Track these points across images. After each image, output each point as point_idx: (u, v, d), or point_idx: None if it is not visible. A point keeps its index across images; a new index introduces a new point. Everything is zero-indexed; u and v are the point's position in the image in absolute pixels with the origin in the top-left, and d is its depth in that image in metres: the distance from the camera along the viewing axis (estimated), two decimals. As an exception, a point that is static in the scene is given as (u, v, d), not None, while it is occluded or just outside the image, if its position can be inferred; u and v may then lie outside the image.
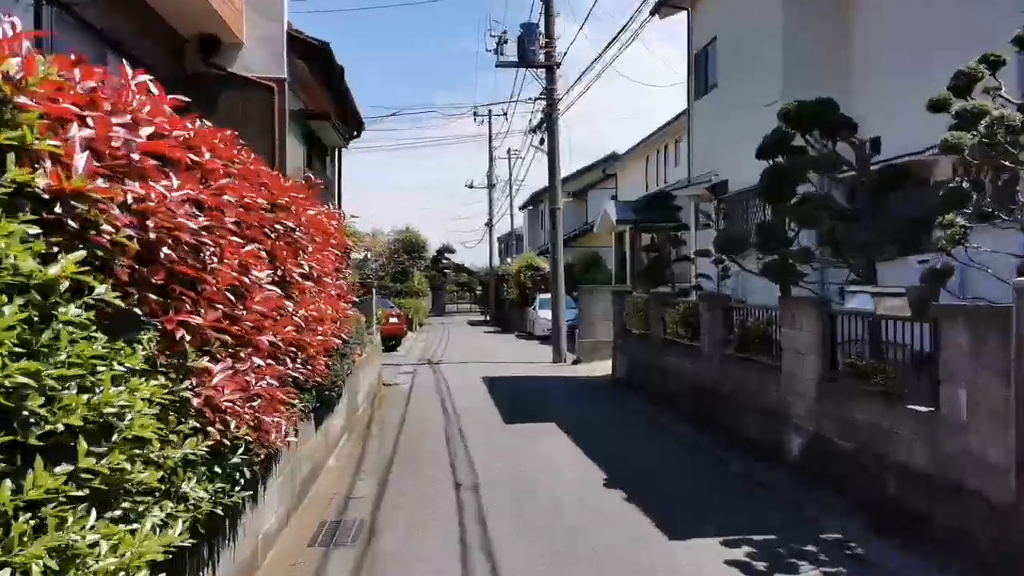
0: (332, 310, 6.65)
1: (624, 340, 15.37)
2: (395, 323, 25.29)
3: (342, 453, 9.34)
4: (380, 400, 14.08)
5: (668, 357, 12.40)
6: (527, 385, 16.11)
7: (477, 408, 12.84)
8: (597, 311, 20.51)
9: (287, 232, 4.49)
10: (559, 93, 21.06)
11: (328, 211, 7.18)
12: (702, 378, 10.76)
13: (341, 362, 8.05)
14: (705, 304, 10.68)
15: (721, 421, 9.91)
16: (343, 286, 7.63)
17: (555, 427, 10.86)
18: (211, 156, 3.02)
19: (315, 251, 5.47)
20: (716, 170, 15.04)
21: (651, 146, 30.51)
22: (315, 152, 11.57)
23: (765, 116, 12.75)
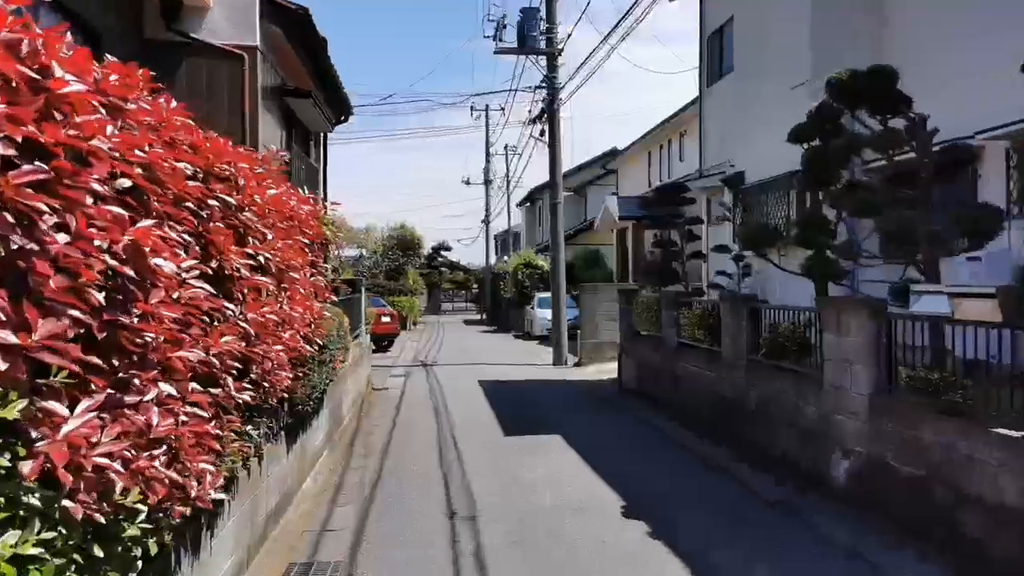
0: (303, 312, 5.57)
1: (632, 343, 14.31)
2: (387, 323, 24.21)
3: (322, 470, 8.26)
4: (368, 407, 13.00)
5: (683, 362, 11.34)
6: (527, 390, 15.04)
7: (473, 417, 11.76)
8: (600, 311, 19.46)
9: (228, 211, 3.41)
10: (561, 81, 19.98)
11: (300, 195, 6.09)
12: (723, 387, 9.70)
13: (319, 371, 6.97)
14: (727, 304, 9.63)
15: (747, 437, 8.85)
16: (320, 284, 6.54)
17: (560, 441, 9.80)
18: (72, 78, 1.95)
19: (277, 239, 4.38)
20: (731, 160, 13.99)
21: (653, 141, 29.45)
22: (296, 136, 10.49)
23: (791, 99, 11.71)
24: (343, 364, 8.67)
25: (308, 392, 6.56)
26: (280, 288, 4.72)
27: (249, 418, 4.30)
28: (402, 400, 13.81)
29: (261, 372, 4.01)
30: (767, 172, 12.26)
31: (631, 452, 9.26)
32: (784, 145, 11.95)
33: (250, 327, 3.63)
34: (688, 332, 11.10)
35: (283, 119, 9.69)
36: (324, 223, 6.58)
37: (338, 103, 11.07)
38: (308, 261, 6.06)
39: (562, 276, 20.26)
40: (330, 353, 7.40)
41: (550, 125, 20.14)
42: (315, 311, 6.06)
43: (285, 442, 6.49)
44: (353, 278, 14.53)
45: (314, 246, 6.45)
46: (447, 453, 9.25)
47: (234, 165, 3.59)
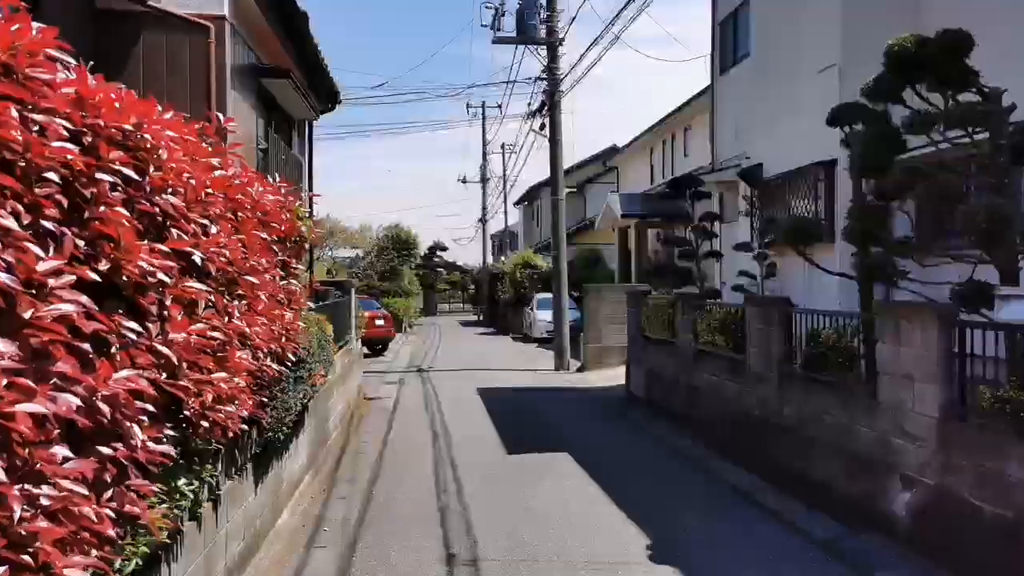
0: (270, 324, 4.58)
1: (641, 348, 13.33)
2: (381, 326, 23.21)
3: (303, 500, 7.27)
4: (359, 420, 12.01)
5: (701, 372, 10.36)
6: (529, 399, 14.06)
7: (472, 431, 10.78)
8: (604, 313, 18.49)
9: (135, 192, 2.44)
10: (562, 72, 19.01)
11: (268, 183, 5.11)
12: (750, 401, 8.72)
13: (295, 389, 5.99)
14: (755, 308, 8.65)
15: (780, 459, 7.87)
16: (293, 289, 5.55)
17: (569, 460, 8.82)
18: None
19: (225, 234, 3.39)
20: (747, 153, 13.01)
21: (656, 137, 28.51)
22: (277, 124, 9.51)
23: (818, 84, 10.75)
24: (327, 378, 7.69)
25: (281, 416, 5.58)
26: (233, 297, 3.73)
27: (187, 467, 3.32)
28: (395, 411, 12.83)
29: (198, 409, 3.02)
30: (789, 164, 11.28)
31: (649, 475, 8.28)
32: (810, 134, 11.00)
33: (174, 352, 2.65)
34: (707, 338, 10.12)
35: (260, 105, 8.70)
36: (299, 217, 5.60)
37: (324, 89, 10.09)
38: (277, 262, 5.07)
39: (564, 276, 19.32)
40: (309, 368, 6.41)
41: (551, 118, 19.18)
42: (286, 322, 5.07)
43: (253, 476, 5.50)
44: (342, 280, 13.54)
45: (287, 244, 5.47)
46: (444, 476, 8.27)
47: (149, 129, 2.61)
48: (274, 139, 8.52)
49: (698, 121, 24.44)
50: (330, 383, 9.63)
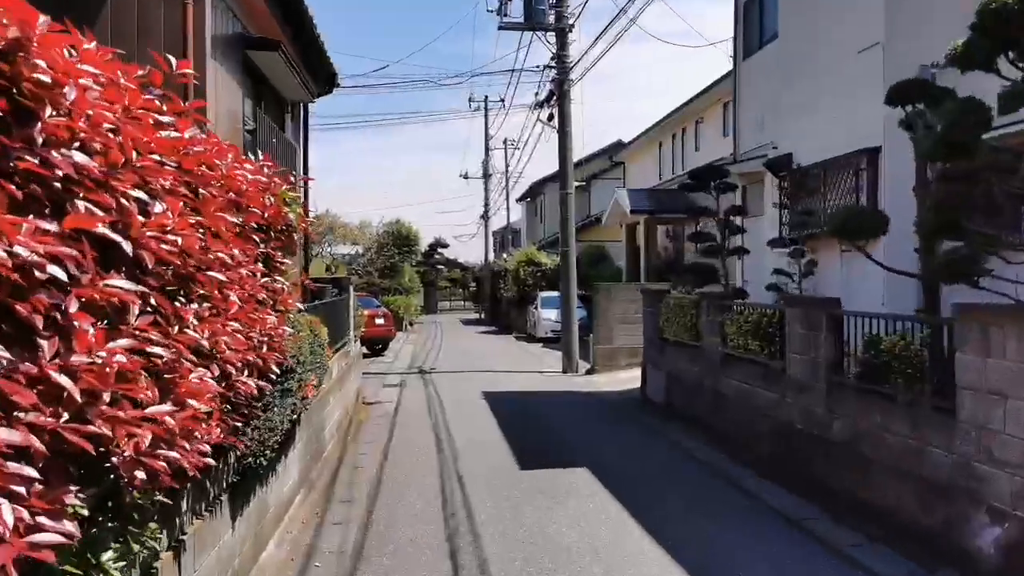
0: (248, 330, 3.73)
1: (658, 351, 12.47)
2: (381, 325, 22.34)
3: (292, 526, 6.42)
4: (358, 427, 11.16)
5: (729, 378, 9.51)
6: (539, 404, 13.20)
7: (480, 441, 9.92)
8: (615, 313, 17.64)
9: (5, 137, 1.59)
10: (572, 60, 18.12)
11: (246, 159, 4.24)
12: (790, 413, 7.87)
13: (282, 404, 5.13)
14: (798, 310, 7.78)
15: (829, 481, 7.02)
16: (278, 288, 4.69)
17: (590, 478, 7.97)
18: None
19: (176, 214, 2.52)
20: (774, 142, 12.15)
21: (665, 131, 27.62)
22: (267, 104, 8.64)
23: (858, 64, 9.88)
24: (321, 387, 6.82)
25: (263, 438, 4.72)
26: (189, 299, 2.87)
27: (119, 531, 2.46)
28: (396, 417, 11.97)
29: (131, 456, 2.16)
30: (824, 152, 10.42)
31: (680, 496, 7.41)
32: (848, 119, 10.14)
33: (79, 382, 1.79)
34: (737, 342, 9.26)
35: (248, 82, 7.83)
36: (287, 202, 4.73)
37: (320, 69, 9.23)
38: (257, 255, 4.21)
39: (572, 274, 18.45)
40: (299, 379, 5.56)
41: (560, 108, 18.29)
42: (269, 327, 4.21)
43: (230, 509, 4.65)
44: (339, 277, 12.69)
45: (271, 234, 4.60)
46: (451, 497, 7.40)
47: (45, 52, 1.76)
48: (263, 120, 7.66)
49: (711, 113, 23.57)
50: (325, 390, 8.77)
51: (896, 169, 9.31)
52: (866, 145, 9.61)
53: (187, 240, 2.58)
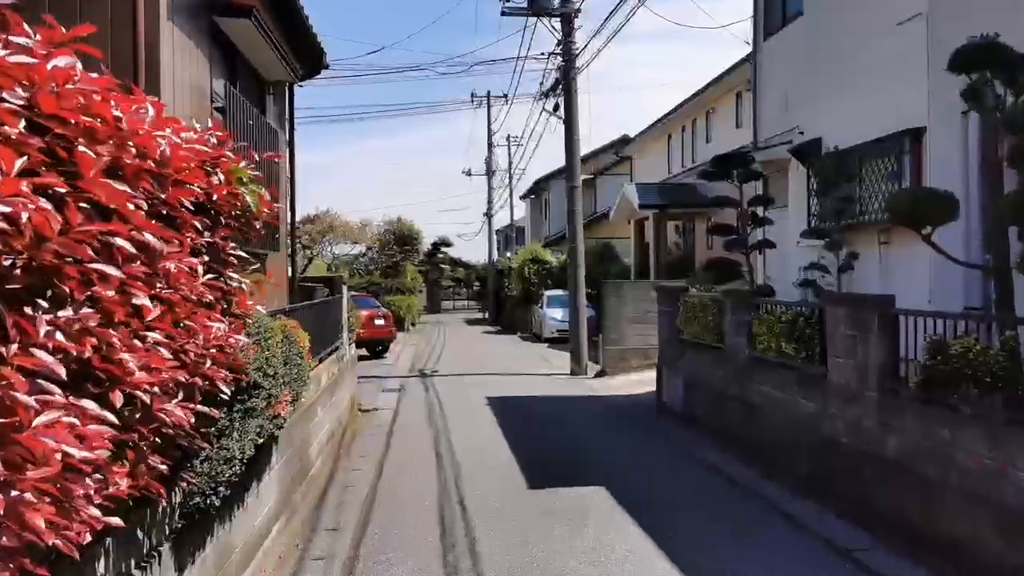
0: (170, 343, 2.85)
1: (676, 353, 11.57)
2: (381, 326, 21.46)
3: (266, 563, 5.54)
4: (352, 438, 10.29)
5: (759, 384, 8.61)
6: (548, 411, 12.32)
7: (484, 454, 9.05)
8: (625, 312, 16.75)
9: None
10: (578, 46, 17.23)
11: (169, 116, 3.34)
12: (833, 426, 6.96)
13: (242, 427, 4.25)
14: (843, 310, 6.87)
15: (884, 506, 6.11)
16: (231, 288, 3.79)
17: (607, 499, 7.08)
18: None
19: (7, 169, 1.64)
20: (800, 127, 11.23)
21: (674, 123, 26.67)
22: (243, 83, 7.76)
23: (897, 38, 8.96)
24: (297, 402, 5.92)
25: (216, 471, 3.84)
26: (57, 302, 1.98)
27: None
28: (393, 428, 11.09)
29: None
30: (859, 136, 9.50)
31: (711, 522, 6.52)
32: (887, 99, 9.22)
33: None
34: (767, 344, 8.35)
35: (218, 54, 6.96)
36: (242, 181, 3.84)
37: (305, 47, 8.34)
38: (197, 245, 3.32)
39: (581, 271, 17.55)
40: (268, 395, 4.67)
41: (566, 97, 17.40)
42: (215, 337, 3.33)
43: (175, 561, 3.76)
44: (330, 276, 11.81)
45: (219, 220, 3.71)
46: (452, 526, 6.52)
47: None
48: (236, 98, 6.79)
49: (723, 103, 22.64)
50: (311, 402, 7.90)
51: (942, 151, 8.40)
52: (908, 126, 8.69)
53: (36, 218, 1.68)
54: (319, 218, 42.62)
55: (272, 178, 8.41)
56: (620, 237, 31.11)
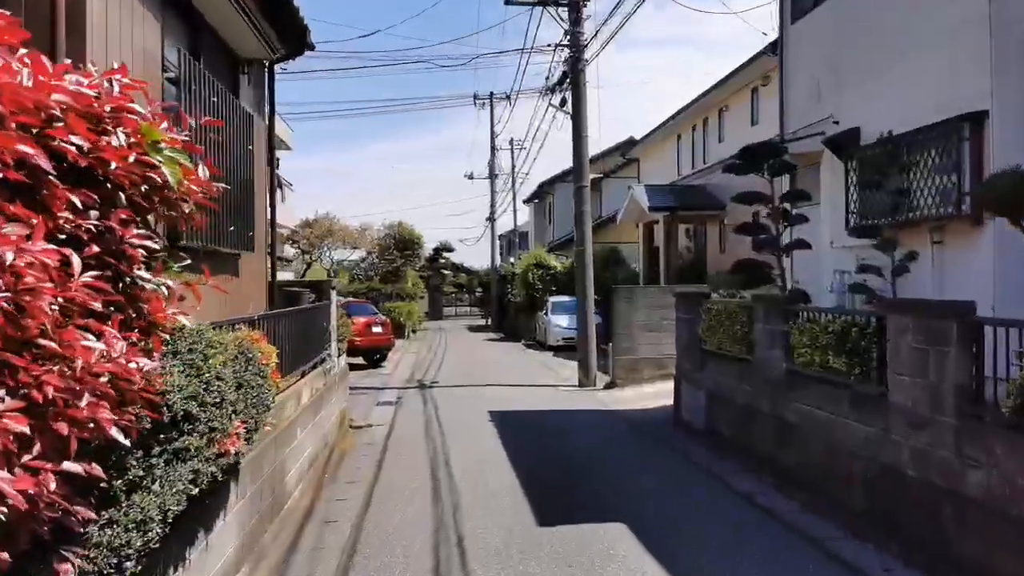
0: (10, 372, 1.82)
1: (698, 365, 10.55)
2: (378, 333, 20.46)
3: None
4: (340, 459, 9.28)
5: (797, 402, 7.58)
6: (556, 428, 11.28)
7: (488, 481, 8.02)
8: (637, 319, 15.72)
9: None
10: (586, 37, 16.23)
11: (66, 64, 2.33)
12: (896, 455, 5.93)
13: (166, 474, 3.23)
14: (909, 317, 5.84)
15: (968, 554, 5.08)
16: (138, 294, 2.77)
17: (630, 539, 6.05)
18: None
19: None
20: (835, 116, 10.22)
21: (684, 122, 25.66)
22: (212, 57, 6.76)
23: (949, 15, 7.96)
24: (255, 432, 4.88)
25: (120, 543, 2.81)
26: None
27: None
28: (387, 446, 10.06)
29: None
30: (905, 124, 8.50)
31: (756, 569, 5.48)
32: (939, 81, 8.23)
33: None
34: (809, 357, 7.32)
35: (178, 23, 5.98)
36: (159, 146, 2.83)
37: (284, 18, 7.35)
38: (71, 227, 2.31)
39: (590, 275, 16.52)
40: (210, 427, 3.65)
41: (574, 91, 16.39)
42: (96, 362, 2.31)
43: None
44: (318, 281, 10.83)
45: (119, 195, 2.69)
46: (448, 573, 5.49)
47: None
48: (195, 69, 5.80)
49: (737, 100, 21.62)
50: (290, 422, 6.89)
51: (1009, 136, 7.40)
52: (967, 110, 7.68)
53: None
54: (318, 222, 41.71)
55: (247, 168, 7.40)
56: (626, 242, 30.10)
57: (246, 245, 7.26)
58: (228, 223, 6.47)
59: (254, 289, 7.96)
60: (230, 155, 6.66)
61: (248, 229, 7.25)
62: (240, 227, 6.93)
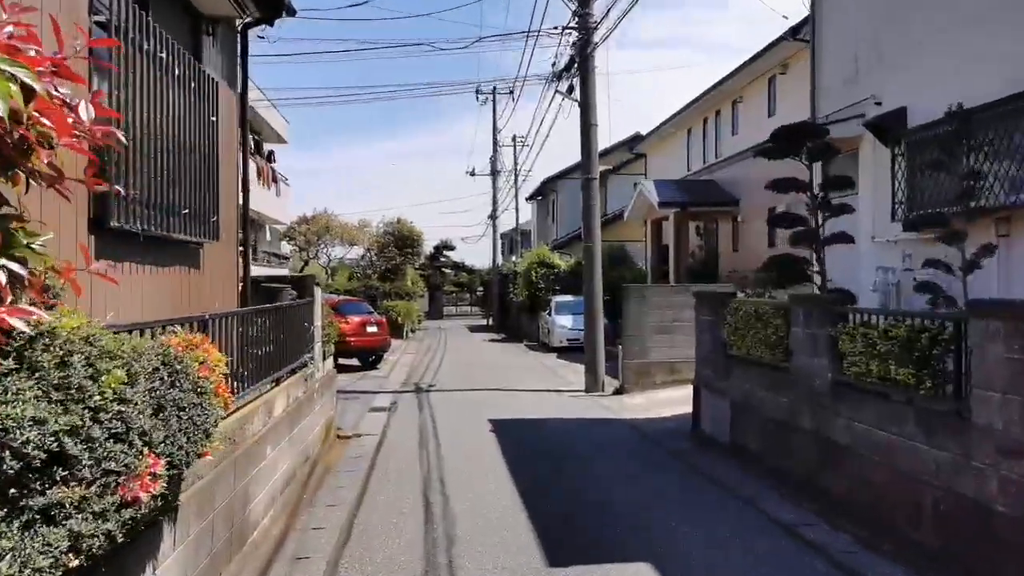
0: None
1: (721, 371, 9.52)
2: (374, 333, 19.43)
3: None
4: (322, 476, 8.26)
5: (849, 419, 6.54)
6: (564, 440, 10.25)
7: (488, 505, 7.00)
8: (649, 320, 14.70)
9: None
10: (596, 18, 15.20)
11: None
12: (983, 488, 4.90)
13: (26, 541, 2.19)
14: (1002, 322, 4.80)
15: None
16: None
17: (660, 588, 5.02)
18: None
19: None
20: (877, 95, 9.19)
21: (694, 115, 24.60)
22: (165, 10, 5.74)
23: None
24: (184, 470, 3.82)
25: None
26: None
27: None
28: (376, 461, 9.04)
29: None
30: (966, 101, 7.45)
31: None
32: (1003, 51, 7.20)
33: None
34: (864, 366, 6.28)
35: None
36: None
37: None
38: None
39: (598, 272, 15.49)
40: (100, 472, 2.61)
41: (582, 77, 15.36)
42: None
43: None
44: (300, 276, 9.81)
45: None
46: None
47: None
48: (139, 19, 4.78)
49: (752, 91, 20.57)
50: (255, 441, 5.86)
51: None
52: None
53: None
54: (315, 218, 40.69)
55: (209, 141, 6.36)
56: (632, 240, 29.07)
57: (209, 233, 6.23)
58: (181, 203, 5.45)
59: (221, 285, 6.93)
60: (184, 124, 5.64)
61: (211, 213, 6.22)
62: (199, 210, 5.91)
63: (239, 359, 5.31)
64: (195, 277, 6.22)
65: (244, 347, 5.56)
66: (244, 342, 5.68)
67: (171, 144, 5.39)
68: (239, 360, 5.34)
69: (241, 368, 5.40)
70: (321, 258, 44.21)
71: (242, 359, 5.56)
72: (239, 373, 5.25)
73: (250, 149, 23.27)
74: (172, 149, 5.40)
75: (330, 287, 33.55)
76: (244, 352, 5.54)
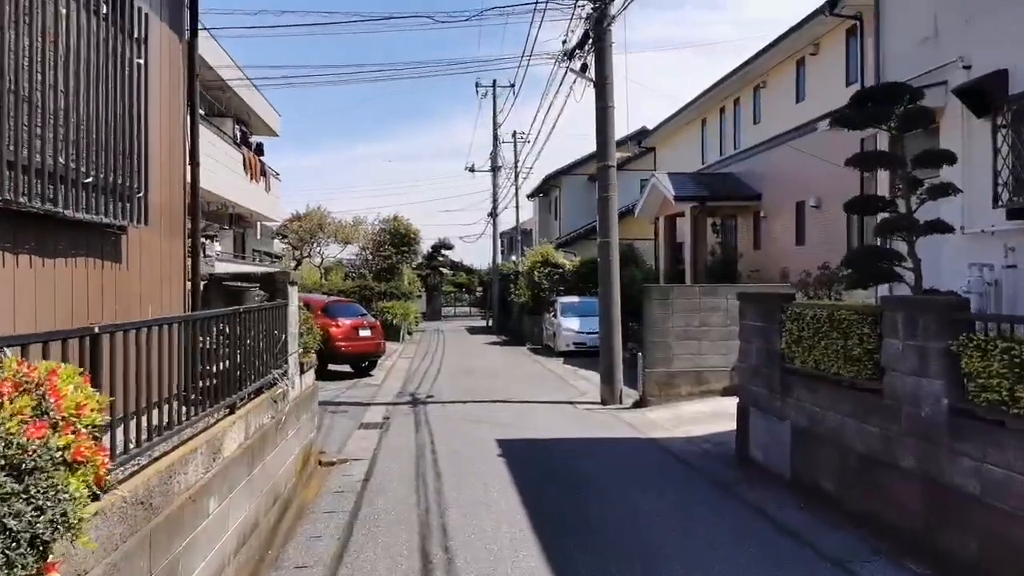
0: None
1: (778, 388, 7.96)
2: (367, 337, 17.84)
3: None
4: (296, 519, 6.70)
5: (980, 461, 4.98)
6: (583, 467, 8.68)
7: (500, 560, 5.42)
8: (674, 324, 13.12)
9: None
10: (614, -11, 13.62)
11: None
12: None
13: None
14: None
15: None
16: None
17: None
18: None
19: None
20: (965, 58, 7.64)
21: (710, 104, 22.99)
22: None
23: None
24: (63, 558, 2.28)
25: None
26: None
27: None
28: (363, 499, 7.45)
29: None
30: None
31: None
32: None
33: None
34: (1003, 393, 4.71)
35: None
36: None
37: None
38: None
39: (615, 271, 13.95)
40: None
41: (598, 53, 13.79)
42: None
43: None
44: (271, 273, 8.22)
45: None
46: None
47: None
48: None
49: (777, 75, 18.98)
50: (188, 497, 4.27)
51: None
52: None
53: None
54: (308, 215, 39.10)
55: (129, 91, 4.76)
56: (641, 239, 27.51)
57: (132, 214, 4.65)
58: (83, 170, 3.88)
59: (158, 285, 5.35)
60: (90, 62, 4.06)
61: (136, 188, 4.65)
62: (114, 182, 4.34)
63: (166, 383, 3.73)
64: (114, 273, 4.65)
65: (179, 367, 3.97)
66: (179, 361, 4.10)
67: (65, 87, 3.82)
68: (163, 386, 3.76)
69: (165, 396, 3.81)
70: (315, 257, 42.59)
71: (171, 384, 3.97)
72: (161, 402, 3.66)
73: (236, 138, 21.63)
74: (67, 93, 3.83)
75: (324, 287, 31.93)
76: (180, 373, 3.95)
